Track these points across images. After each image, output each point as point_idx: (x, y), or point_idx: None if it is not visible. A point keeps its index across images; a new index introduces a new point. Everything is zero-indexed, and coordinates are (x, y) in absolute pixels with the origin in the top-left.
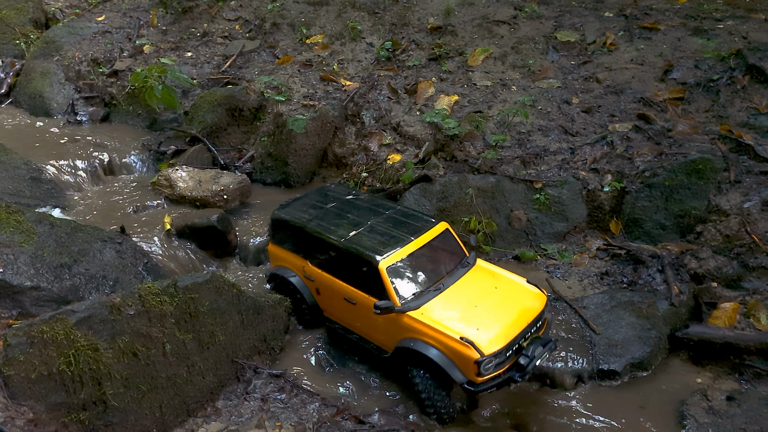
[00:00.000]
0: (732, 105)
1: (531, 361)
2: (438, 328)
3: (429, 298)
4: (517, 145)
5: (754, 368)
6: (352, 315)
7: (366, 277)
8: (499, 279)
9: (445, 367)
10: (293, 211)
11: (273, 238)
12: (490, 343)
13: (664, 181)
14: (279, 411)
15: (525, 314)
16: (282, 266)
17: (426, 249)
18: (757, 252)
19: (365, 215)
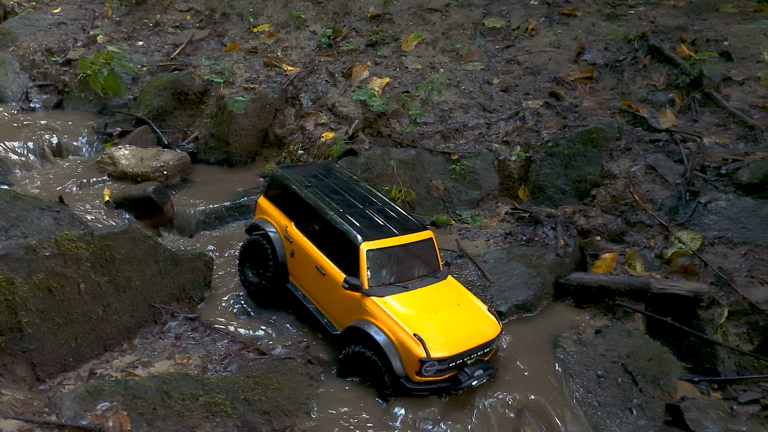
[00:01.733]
0: (634, 82)
1: (468, 380)
2: (395, 319)
3: (395, 291)
4: (439, 122)
5: (624, 307)
6: (318, 285)
7: (345, 253)
8: (464, 298)
9: (389, 355)
10: (295, 174)
11: (266, 193)
12: (439, 348)
13: (564, 150)
14: (190, 347)
15: (477, 336)
16: (265, 219)
17: (406, 248)
18: (638, 209)
19: (360, 200)
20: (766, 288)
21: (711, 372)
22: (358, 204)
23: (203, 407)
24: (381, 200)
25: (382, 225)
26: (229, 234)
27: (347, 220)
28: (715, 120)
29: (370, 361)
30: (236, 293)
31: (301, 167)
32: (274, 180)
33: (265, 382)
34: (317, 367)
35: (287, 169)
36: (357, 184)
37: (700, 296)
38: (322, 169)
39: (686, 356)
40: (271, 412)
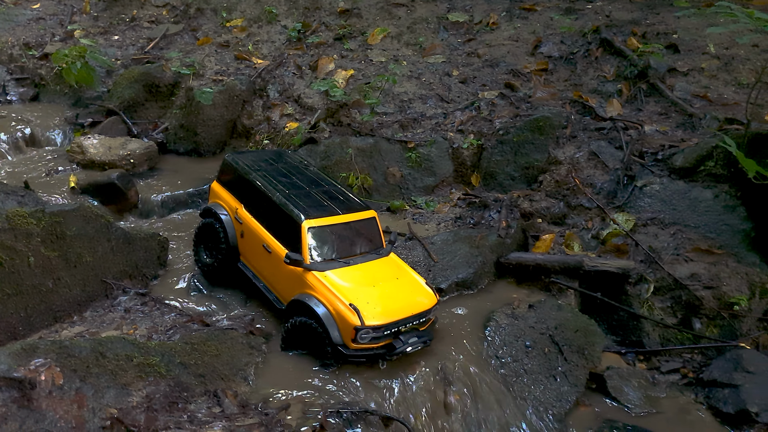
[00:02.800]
0: (586, 74)
1: (402, 346)
2: (333, 291)
3: (335, 266)
4: (399, 112)
5: (559, 284)
6: (264, 263)
7: (288, 231)
8: (403, 273)
9: (327, 324)
10: (245, 159)
11: (218, 178)
12: (373, 316)
13: (513, 138)
14: (138, 319)
15: (413, 306)
16: (218, 203)
17: (348, 227)
18: (579, 193)
19: (306, 183)
20: (690, 265)
21: (637, 344)
22: (304, 186)
23: (137, 367)
24: (328, 183)
25: (325, 205)
26: (191, 219)
27: (291, 200)
28: (658, 109)
29: (311, 329)
30: (191, 273)
31: (252, 153)
32: (225, 165)
33: (203, 349)
34: (259, 338)
35: (238, 154)
36: (306, 169)
37: (628, 273)
38: (273, 155)
39: (615, 330)
40: (206, 376)
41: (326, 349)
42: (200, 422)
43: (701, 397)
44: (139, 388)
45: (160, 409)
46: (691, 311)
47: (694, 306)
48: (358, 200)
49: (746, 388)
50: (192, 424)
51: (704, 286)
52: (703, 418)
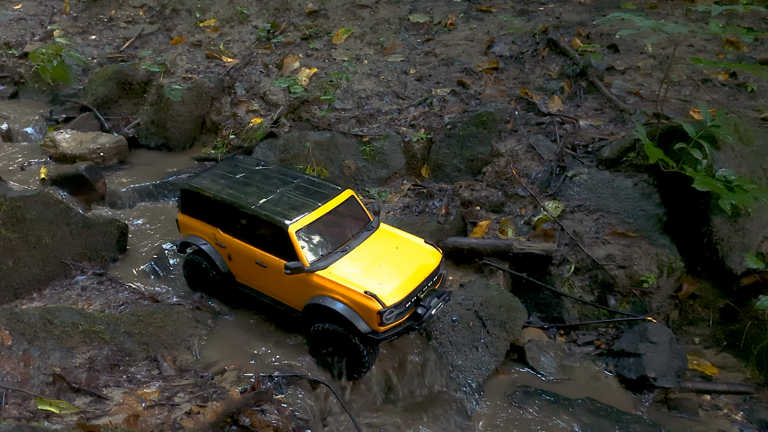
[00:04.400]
0: (533, 72)
1: (427, 311)
2: (344, 284)
3: (336, 258)
4: (356, 108)
5: (490, 266)
6: (264, 278)
7: (276, 240)
8: (400, 240)
9: (351, 319)
10: (203, 181)
11: (183, 208)
12: (391, 295)
13: (459, 133)
14: (93, 296)
15: (422, 270)
16: (192, 235)
17: (332, 214)
18: (515, 183)
19: (274, 184)
20: (607, 247)
21: (558, 320)
22: (273, 189)
23: (82, 333)
24: (293, 177)
25: (303, 201)
26: (156, 208)
27: (268, 208)
28: (595, 105)
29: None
30: (151, 258)
31: (205, 172)
32: (186, 194)
33: (148, 320)
34: (205, 314)
35: (194, 179)
36: (266, 169)
37: (551, 255)
38: (227, 166)
39: (540, 307)
40: (149, 344)
41: (355, 345)
42: (138, 382)
43: (610, 366)
44: (83, 352)
45: (102, 369)
46: (606, 289)
47: (609, 284)
48: (330, 184)
49: (647, 357)
50: (130, 383)
51: (618, 266)
52: (609, 384)
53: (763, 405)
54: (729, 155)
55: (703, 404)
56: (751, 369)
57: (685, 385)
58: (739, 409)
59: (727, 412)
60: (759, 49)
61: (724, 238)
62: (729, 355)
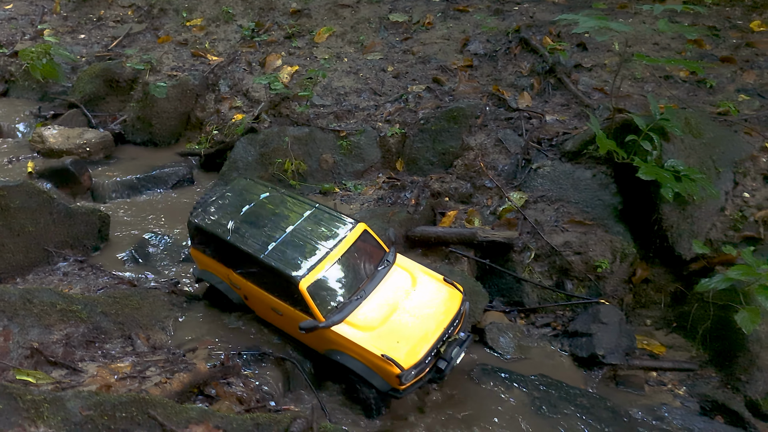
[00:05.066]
0: (506, 70)
1: (449, 364)
2: (360, 344)
3: (351, 309)
4: (335, 104)
5: (456, 253)
6: (280, 322)
7: (288, 292)
8: (418, 278)
9: (369, 378)
10: (209, 217)
11: (193, 242)
12: (410, 356)
13: (432, 127)
14: (74, 281)
15: (443, 318)
16: (206, 271)
17: (346, 256)
18: (483, 176)
19: (282, 221)
20: (565, 234)
21: (519, 304)
22: (282, 228)
23: (60, 312)
24: (302, 208)
25: (314, 246)
26: (139, 201)
27: (278, 258)
28: (562, 101)
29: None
30: (132, 246)
31: (211, 202)
32: (194, 230)
33: (124, 302)
34: (181, 297)
35: (201, 212)
36: (272, 199)
37: (512, 242)
38: (233, 196)
39: (503, 292)
40: (125, 324)
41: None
42: (113, 357)
43: (565, 346)
44: (61, 329)
45: (78, 345)
46: (564, 274)
47: (566, 270)
48: (343, 217)
49: (598, 336)
50: (105, 358)
51: (575, 252)
52: (563, 362)
53: (704, 381)
54: (678, 147)
55: (649, 380)
56: (696, 348)
57: (632, 363)
58: (683, 385)
59: (671, 387)
60: (721, 47)
61: (673, 225)
62: (677, 336)
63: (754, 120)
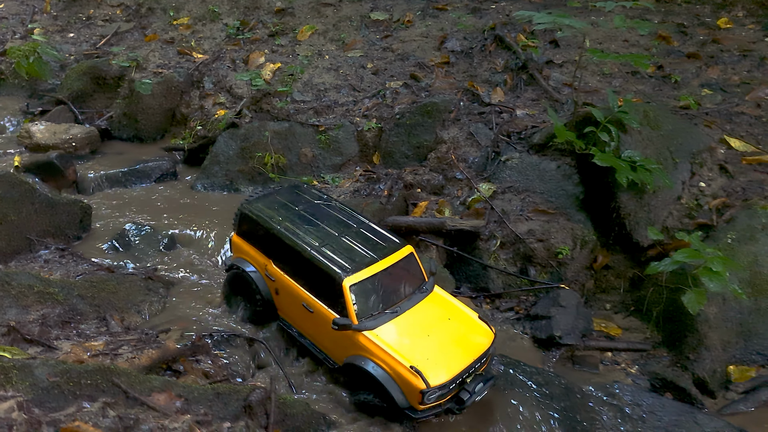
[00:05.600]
0: (481, 66)
1: (471, 397)
2: (390, 352)
3: (385, 320)
4: (315, 100)
5: (426, 242)
6: (307, 321)
7: (328, 290)
8: (453, 310)
9: (390, 390)
10: (263, 208)
11: (238, 230)
12: (437, 375)
13: (407, 122)
14: (55, 268)
15: (472, 350)
16: (242, 258)
17: (389, 271)
18: (454, 168)
19: (335, 226)
20: (529, 223)
21: (485, 289)
22: (334, 232)
23: (37, 294)
24: (355, 221)
25: (362, 253)
26: (123, 194)
27: (325, 254)
28: (533, 96)
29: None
30: (113, 236)
31: (266, 197)
32: (243, 217)
33: (101, 287)
34: (158, 284)
35: (253, 202)
36: (328, 206)
37: (478, 231)
38: (289, 194)
39: (470, 278)
40: (101, 306)
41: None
42: (87, 336)
43: (527, 329)
44: (37, 310)
45: (54, 325)
46: (527, 261)
47: (530, 256)
48: (392, 237)
49: (556, 319)
50: (80, 338)
51: (538, 239)
52: (524, 344)
53: (656, 360)
54: (636, 138)
55: (604, 360)
56: (650, 330)
57: (588, 344)
58: (636, 364)
59: (624, 366)
60: (688, 43)
61: (630, 214)
62: (634, 319)
63: (715, 113)
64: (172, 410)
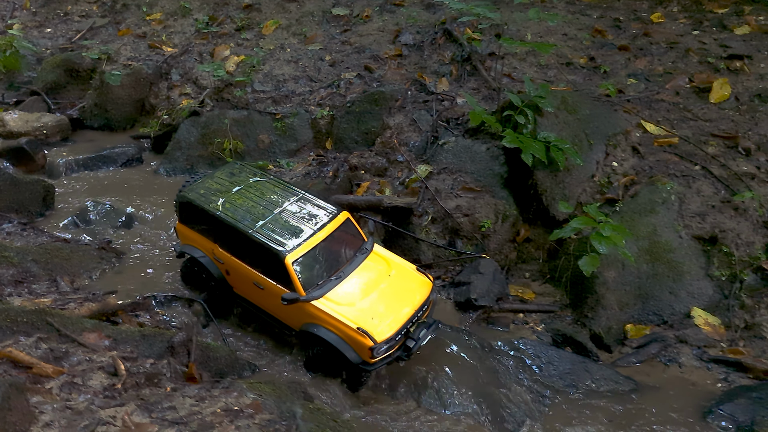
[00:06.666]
0: (431, 58)
1: (416, 344)
2: (338, 317)
3: (330, 287)
4: (274, 90)
5: (365, 218)
6: (260, 297)
7: (273, 267)
8: (393, 266)
9: (343, 351)
10: (200, 194)
11: (181, 218)
12: (383, 331)
13: (356, 109)
14: (16, 240)
15: (414, 302)
16: (190, 245)
17: (329, 240)
18: (396, 151)
19: (273, 203)
20: (458, 199)
21: (417, 261)
22: (272, 209)
23: None
24: (290, 194)
25: (300, 227)
26: (89, 176)
27: (266, 234)
28: (474, 85)
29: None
30: (74, 214)
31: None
32: (182, 204)
33: (55, 253)
34: (110, 254)
35: (191, 189)
36: (262, 184)
37: (412, 207)
38: (223, 176)
39: (404, 251)
40: (54, 270)
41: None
42: (38, 294)
43: (451, 294)
44: None
45: (7, 284)
46: (455, 234)
47: (457, 230)
48: (328, 205)
49: (474, 284)
50: (30, 295)
51: (464, 214)
52: (447, 307)
53: (561, 319)
54: (552, 121)
55: (515, 320)
56: (561, 294)
57: (503, 306)
58: (542, 323)
59: (532, 325)
60: (621, 36)
61: (547, 190)
62: (550, 286)
63: (637, 100)
64: (101, 347)
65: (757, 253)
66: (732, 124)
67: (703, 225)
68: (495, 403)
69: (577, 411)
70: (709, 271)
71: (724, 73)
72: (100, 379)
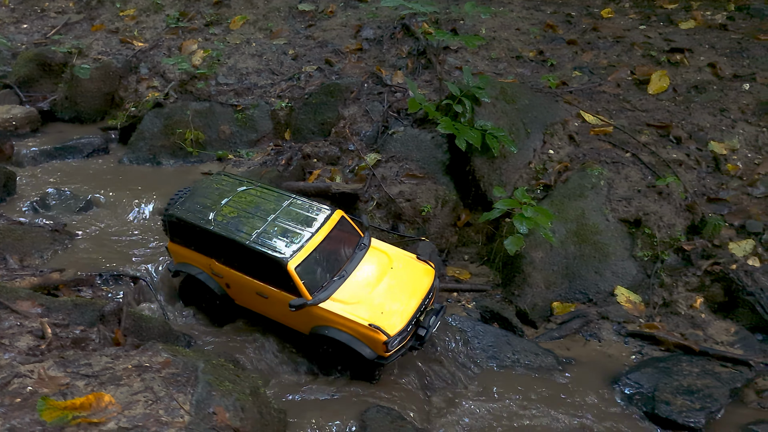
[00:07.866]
0: (389, 53)
1: (428, 331)
2: (348, 317)
3: (336, 287)
4: (237, 83)
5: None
6: (265, 306)
7: (276, 275)
8: (393, 257)
9: (357, 348)
10: (189, 210)
11: (172, 237)
12: (394, 324)
13: (313, 101)
14: None
15: (419, 290)
16: (186, 263)
17: (327, 240)
18: (348, 141)
19: (263, 211)
20: (401, 186)
21: None
22: (264, 217)
23: None
24: (280, 198)
25: (297, 232)
26: (55, 165)
27: (263, 242)
28: (428, 78)
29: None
30: (34, 200)
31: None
32: (173, 224)
33: (7, 234)
34: (63, 236)
35: (178, 207)
36: (250, 192)
37: (358, 193)
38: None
39: None
40: (5, 249)
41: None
42: None
43: None
44: None
45: None
46: (398, 218)
47: (400, 214)
48: (321, 205)
49: None
50: None
51: (406, 200)
52: None
53: (491, 297)
54: (490, 110)
55: (450, 299)
56: (494, 274)
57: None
58: (474, 301)
59: (464, 303)
60: (571, 31)
61: (484, 176)
62: (486, 267)
63: (579, 92)
64: (32, 314)
65: (677, 234)
66: (667, 114)
67: (629, 208)
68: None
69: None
70: (633, 252)
71: (665, 66)
72: (27, 341)
